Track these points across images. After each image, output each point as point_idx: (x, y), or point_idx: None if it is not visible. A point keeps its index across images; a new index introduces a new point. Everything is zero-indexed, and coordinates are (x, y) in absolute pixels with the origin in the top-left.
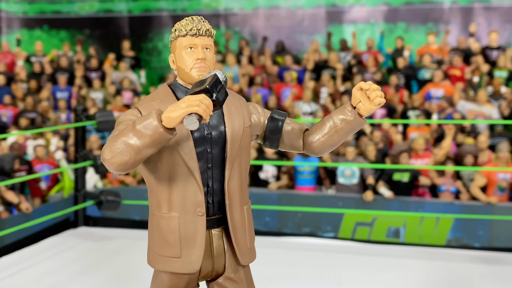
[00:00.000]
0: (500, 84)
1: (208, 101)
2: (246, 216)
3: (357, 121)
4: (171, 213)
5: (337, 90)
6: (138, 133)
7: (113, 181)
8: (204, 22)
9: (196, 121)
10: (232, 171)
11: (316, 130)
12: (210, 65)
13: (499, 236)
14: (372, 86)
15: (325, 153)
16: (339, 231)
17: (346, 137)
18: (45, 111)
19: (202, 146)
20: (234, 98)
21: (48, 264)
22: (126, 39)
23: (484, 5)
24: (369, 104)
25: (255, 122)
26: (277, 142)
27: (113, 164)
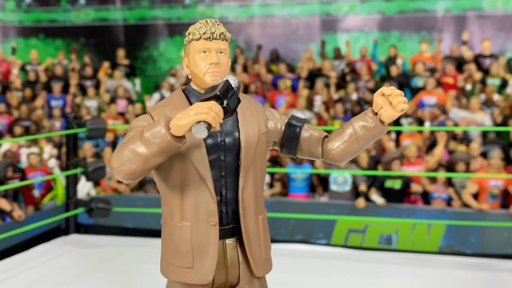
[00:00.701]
0: (493, 92)
1: (218, 108)
2: (261, 226)
3: (378, 128)
4: (183, 222)
5: (331, 98)
6: (146, 141)
7: (106, 189)
8: (218, 25)
9: (205, 130)
10: (247, 179)
11: (336, 137)
12: (225, 70)
13: (491, 243)
14: (394, 92)
15: (344, 161)
16: (331, 238)
17: (367, 144)
18: (40, 119)
19: (215, 154)
20: (250, 103)
21: (37, 271)
22: (121, 48)
23: (477, 13)
24: (392, 110)
25: (271, 129)
26: (295, 149)
27: (121, 172)
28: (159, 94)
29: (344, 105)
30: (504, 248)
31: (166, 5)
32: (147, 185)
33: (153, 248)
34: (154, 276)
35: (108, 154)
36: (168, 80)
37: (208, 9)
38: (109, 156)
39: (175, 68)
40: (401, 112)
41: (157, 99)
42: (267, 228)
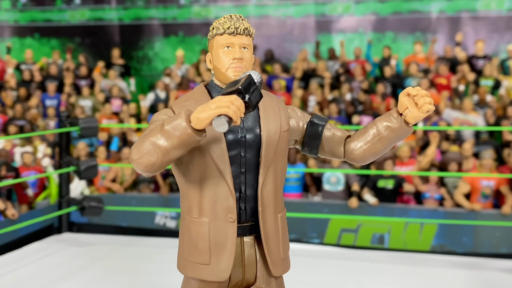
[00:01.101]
0: (486, 93)
1: (240, 102)
2: (280, 224)
3: (403, 129)
4: (202, 218)
5: (325, 99)
6: (166, 133)
7: (100, 188)
8: (242, 21)
9: (226, 123)
10: (267, 177)
11: (359, 137)
12: (248, 65)
13: (482, 243)
14: (420, 92)
15: (367, 162)
16: (324, 237)
17: (390, 146)
18: (34, 119)
19: (235, 150)
20: (272, 100)
21: (30, 269)
22: (116, 47)
23: (471, 14)
24: (417, 111)
25: (293, 127)
26: (316, 149)
27: (140, 164)
28: (153, 94)
29: (338, 105)
30: (495, 247)
31: (161, 5)
32: (141, 185)
33: (146, 246)
34: (147, 274)
35: (102, 154)
36: (163, 80)
37: (203, 9)
38: (102, 155)
39: (170, 68)
40: (427, 113)
41: (151, 99)
42: (286, 227)
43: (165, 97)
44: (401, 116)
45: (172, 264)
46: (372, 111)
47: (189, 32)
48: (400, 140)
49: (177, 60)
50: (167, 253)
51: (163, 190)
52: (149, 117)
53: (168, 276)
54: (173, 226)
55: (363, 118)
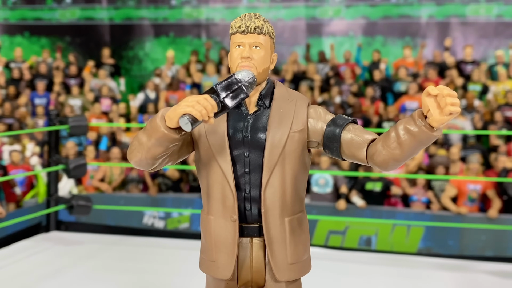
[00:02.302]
0: (474, 98)
1: (209, 102)
2: (287, 228)
3: (423, 134)
4: (209, 216)
5: (315, 101)
6: (147, 131)
7: (88, 188)
8: (255, 19)
9: (188, 123)
10: (272, 178)
11: (380, 140)
12: (258, 64)
13: (468, 246)
14: (442, 91)
15: (390, 168)
16: (312, 238)
17: (413, 152)
18: (23, 117)
19: (239, 150)
20: (291, 99)
21: (17, 267)
22: (106, 47)
23: (460, 20)
24: (439, 114)
25: (312, 128)
26: (337, 151)
27: (131, 160)
28: (143, 94)
29: (327, 108)
30: (481, 250)
31: (152, 5)
32: (129, 185)
33: (133, 246)
34: (133, 273)
35: (91, 153)
36: (153, 80)
37: (194, 10)
38: (91, 154)
39: (160, 68)
40: (451, 116)
41: (141, 99)
42: (299, 231)
43: (155, 97)
44: (426, 119)
45: (160, 264)
46: (361, 114)
47: (180, 33)
48: (424, 146)
49: (167, 61)
50: (155, 252)
51: (152, 190)
52: (138, 117)
53: (155, 276)
54: (161, 226)
55: None
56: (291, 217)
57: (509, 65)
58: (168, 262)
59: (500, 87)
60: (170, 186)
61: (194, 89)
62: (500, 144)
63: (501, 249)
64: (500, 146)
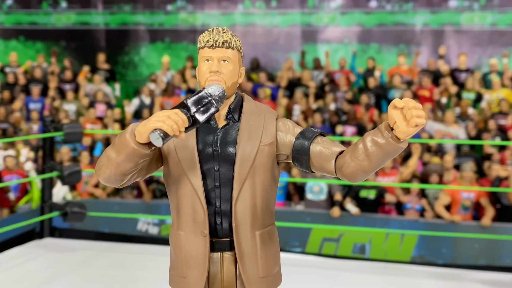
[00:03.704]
0: (468, 106)
1: (179, 116)
2: (258, 242)
3: (390, 145)
4: (179, 231)
5: (310, 108)
6: (116, 147)
7: (82, 194)
8: (224, 33)
9: (159, 138)
10: (242, 192)
11: (349, 152)
12: (227, 78)
13: (462, 254)
14: (408, 104)
15: (358, 180)
16: (306, 246)
17: (380, 163)
18: (17, 122)
19: (209, 163)
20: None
21: (11, 274)
22: (101, 52)
23: (454, 28)
24: (405, 126)
25: (281, 141)
26: (306, 164)
27: (99, 176)
28: (138, 100)
29: (322, 115)
30: (474, 259)
31: (148, 10)
32: (124, 191)
33: (127, 253)
34: (129, 281)
35: (85, 159)
36: (148, 86)
37: (190, 16)
38: (86, 160)
39: (155, 73)
40: (417, 128)
41: (136, 105)
42: (269, 245)
43: (150, 103)
44: (392, 131)
45: (154, 271)
46: (355, 121)
47: (176, 39)
48: (391, 157)
49: (162, 66)
50: (149, 260)
51: (146, 197)
52: (133, 123)
53: (149, 283)
54: (155, 232)
55: (347, 128)
56: (261, 231)
57: (503, 74)
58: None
59: (494, 95)
60: (164, 192)
61: (189, 95)
62: (493, 152)
63: (494, 258)
64: (494, 154)
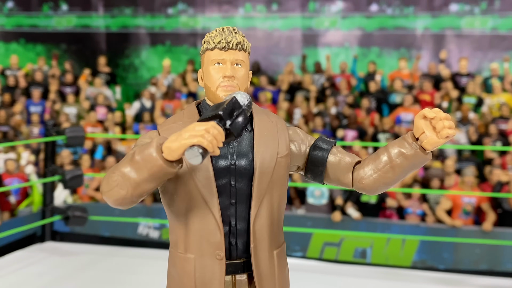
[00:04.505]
0: (469, 110)
1: (217, 130)
2: (276, 262)
3: (418, 156)
4: (187, 254)
5: (310, 112)
6: (136, 164)
7: (83, 197)
8: (236, 34)
9: (199, 155)
10: (260, 209)
11: (369, 163)
12: (241, 84)
13: (463, 259)
14: (438, 114)
15: (378, 192)
16: (307, 250)
17: (404, 175)
18: (18, 125)
19: (224, 178)
20: (271, 121)
21: (12, 278)
22: (102, 55)
23: (455, 32)
24: (435, 137)
25: (294, 151)
26: (321, 176)
27: (110, 198)
28: (139, 103)
29: (323, 118)
30: (475, 264)
31: (149, 14)
32: None
33: (128, 257)
34: (128, 285)
35: (86, 162)
36: (149, 89)
37: (190, 19)
38: (87, 164)
39: (156, 77)
40: (446, 139)
41: (137, 108)
42: (284, 264)
43: (151, 106)
44: (417, 141)
45: (155, 275)
46: (356, 125)
47: (176, 42)
48: (416, 169)
49: (163, 70)
50: (150, 264)
51: (147, 200)
52: (134, 126)
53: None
54: (156, 236)
55: (348, 132)
56: (278, 249)
57: (503, 78)
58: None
59: (494, 100)
60: None
61: (190, 98)
62: (494, 157)
63: (495, 263)
64: (495, 159)
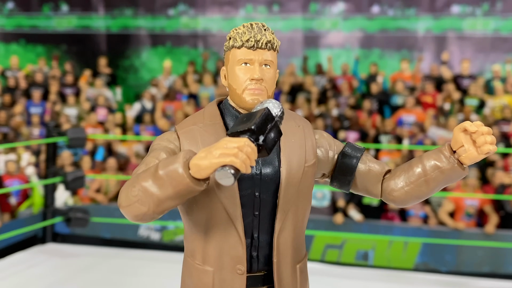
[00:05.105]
0: (471, 112)
1: (251, 148)
2: (298, 276)
3: (455, 171)
4: (205, 266)
5: (312, 113)
6: (160, 180)
7: (84, 198)
8: (265, 32)
9: (231, 177)
10: (285, 221)
11: (401, 175)
12: (269, 87)
13: (465, 261)
14: (480, 129)
15: (408, 205)
16: (309, 252)
17: (438, 189)
18: (18, 126)
19: (248, 189)
20: (297, 125)
21: (13, 280)
22: (102, 56)
23: (457, 34)
24: (475, 151)
25: (322, 158)
26: (348, 185)
27: (129, 213)
28: (139, 104)
29: (324, 120)
30: (478, 266)
31: (149, 15)
32: None
33: (129, 259)
34: (129, 287)
35: (87, 163)
36: (150, 90)
37: (191, 20)
38: (87, 165)
39: (156, 78)
40: (487, 155)
41: (137, 109)
42: (305, 277)
43: (151, 107)
44: (455, 155)
45: (156, 277)
46: (358, 127)
47: (177, 43)
48: (452, 183)
49: (164, 71)
50: (151, 266)
51: None
52: (134, 128)
53: None
54: (157, 238)
55: (349, 134)
56: (301, 263)
57: (506, 80)
58: (164, 276)
59: (497, 101)
60: None
61: (191, 100)
62: (497, 159)
63: (498, 265)
64: (497, 161)
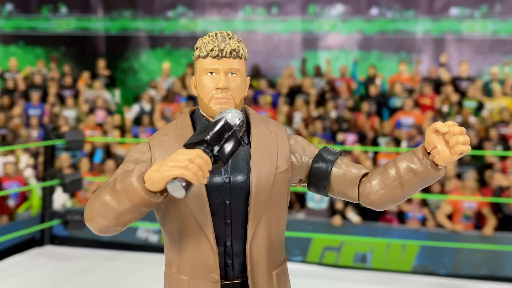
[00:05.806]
0: (469, 114)
1: (204, 159)
2: (275, 283)
3: (429, 173)
4: (181, 276)
5: (310, 115)
6: (118, 194)
7: (82, 201)
8: (230, 40)
9: (182, 189)
10: (258, 229)
11: (376, 177)
12: (236, 95)
13: (463, 264)
14: (452, 129)
15: (386, 207)
16: (307, 255)
17: (415, 191)
18: (17, 128)
19: (218, 197)
20: (270, 131)
21: (11, 283)
22: (101, 58)
23: (455, 36)
24: (448, 152)
25: (296, 164)
26: (325, 189)
27: (93, 226)
28: (138, 106)
29: (323, 122)
30: (476, 269)
31: (148, 17)
32: None
33: (127, 261)
34: None
35: (85, 165)
36: (148, 92)
37: (190, 22)
38: (85, 167)
39: (155, 80)
40: (460, 156)
41: (136, 111)
42: (284, 282)
43: (150, 109)
44: (429, 156)
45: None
46: (356, 129)
47: (176, 45)
48: (427, 185)
49: (163, 73)
50: (149, 268)
51: None
52: (133, 129)
53: None
54: (155, 240)
55: (348, 136)
56: (278, 269)
57: (504, 82)
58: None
59: (495, 104)
60: None
61: (190, 102)
62: (495, 161)
63: (496, 268)
64: (495, 163)
